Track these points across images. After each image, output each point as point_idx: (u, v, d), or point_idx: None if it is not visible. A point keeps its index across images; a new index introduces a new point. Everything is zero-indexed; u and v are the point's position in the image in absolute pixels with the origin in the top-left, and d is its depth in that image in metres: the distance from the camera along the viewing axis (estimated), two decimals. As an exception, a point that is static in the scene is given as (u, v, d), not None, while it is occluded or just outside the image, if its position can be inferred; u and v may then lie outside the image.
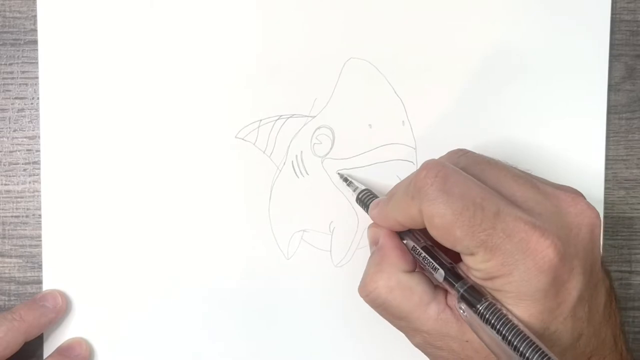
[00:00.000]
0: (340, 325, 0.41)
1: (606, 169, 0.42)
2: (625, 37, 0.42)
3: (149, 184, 0.41)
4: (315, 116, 0.41)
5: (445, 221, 0.31)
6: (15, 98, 0.41)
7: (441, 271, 0.33)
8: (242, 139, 0.41)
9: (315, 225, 0.41)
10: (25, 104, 0.41)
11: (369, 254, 0.41)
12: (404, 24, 0.41)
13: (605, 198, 0.42)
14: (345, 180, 0.40)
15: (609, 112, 0.42)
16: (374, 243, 0.37)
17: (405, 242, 0.36)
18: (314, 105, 0.41)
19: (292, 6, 0.41)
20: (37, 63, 0.41)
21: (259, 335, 0.41)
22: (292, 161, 0.41)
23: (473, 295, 0.31)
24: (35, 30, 0.41)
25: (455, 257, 0.33)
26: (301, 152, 0.41)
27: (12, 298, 0.41)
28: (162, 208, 0.41)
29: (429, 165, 0.33)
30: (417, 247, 0.35)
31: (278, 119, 0.41)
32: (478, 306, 0.31)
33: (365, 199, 0.38)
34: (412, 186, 0.33)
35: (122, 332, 0.41)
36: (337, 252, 0.41)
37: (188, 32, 0.41)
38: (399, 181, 0.41)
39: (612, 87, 0.42)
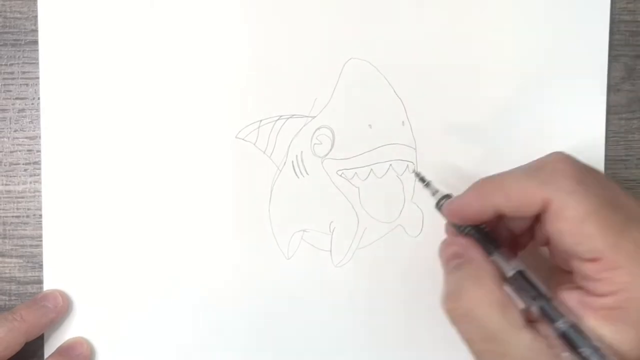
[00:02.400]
0: (340, 325, 0.42)
1: (606, 169, 0.42)
2: (625, 38, 0.42)
3: (149, 185, 0.41)
4: (315, 116, 0.41)
5: (578, 215, 0.29)
6: (16, 98, 0.41)
7: (537, 305, 0.31)
8: (243, 139, 0.41)
9: (315, 225, 0.41)
10: (25, 104, 0.41)
11: (369, 254, 0.41)
12: (404, 25, 0.41)
13: (605, 198, 0.42)
14: (423, 180, 0.38)
15: (608, 112, 0.42)
16: (456, 257, 0.34)
17: (493, 258, 0.33)
18: (314, 105, 0.41)
19: (292, 6, 0.41)
20: (37, 63, 0.41)
21: (258, 335, 0.41)
22: (292, 161, 0.41)
23: (575, 335, 0.29)
24: (35, 31, 0.41)
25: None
26: (301, 152, 0.41)
27: (13, 298, 0.41)
28: (162, 208, 0.41)
29: (563, 156, 0.31)
30: (513, 271, 0.32)
31: (278, 119, 0.41)
32: (581, 349, 0.29)
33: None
34: (543, 172, 0.31)
35: (122, 332, 0.41)
36: (337, 252, 0.41)
37: (188, 32, 0.41)
38: (399, 181, 0.41)
39: (611, 88, 0.42)
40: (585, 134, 0.41)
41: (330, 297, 0.41)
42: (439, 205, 0.36)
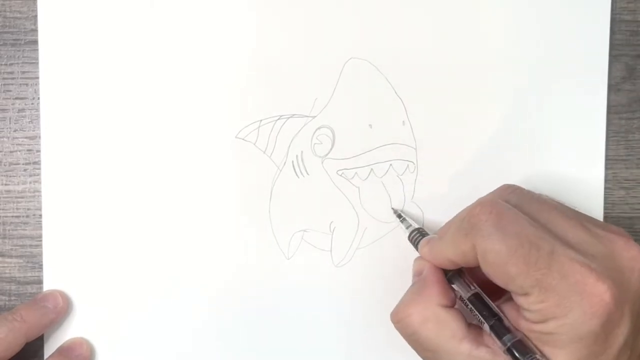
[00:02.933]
0: (340, 325, 0.41)
1: (606, 169, 0.42)
2: (625, 37, 0.42)
3: (149, 184, 0.41)
4: (315, 116, 0.41)
5: (499, 258, 0.31)
6: (16, 98, 0.41)
7: (487, 324, 0.33)
8: (243, 139, 0.41)
9: (315, 225, 0.41)
10: (25, 104, 0.41)
11: (369, 254, 0.41)
12: (404, 24, 0.41)
13: (605, 198, 0.42)
14: (399, 216, 0.41)
15: (609, 112, 0.42)
16: (418, 274, 0.37)
17: (454, 285, 0.36)
18: (314, 105, 0.41)
19: (292, 6, 0.41)
20: (37, 63, 0.41)
21: (259, 335, 0.41)
22: (293, 161, 0.41)
23: (520, 349, 0.31)
24: (35, 31, 0.41)
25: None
26: (301, 152, 0.41)
27: (13, 298, 0.41)
28: (162, 208, 0.41)
29: (482, 202, 0.33)
30: (465, 297, 0.35)
31: (278, 119, 0.41)
32: None
33: (417, 237, 0.38)
34: (465, 222, 0.33)
35: (122, 332, 0.41)
36: (337, 252, 0.41)
37: (188, 32, 0.41)
38: (399, 181, 0.41)
39: (612, 87, 0.42)
40: (585, 133, 0.41)
41: (330, 297, 0.41)
42: (410, 238, 0.39)
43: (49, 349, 0.41)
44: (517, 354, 0.31)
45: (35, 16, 0.41)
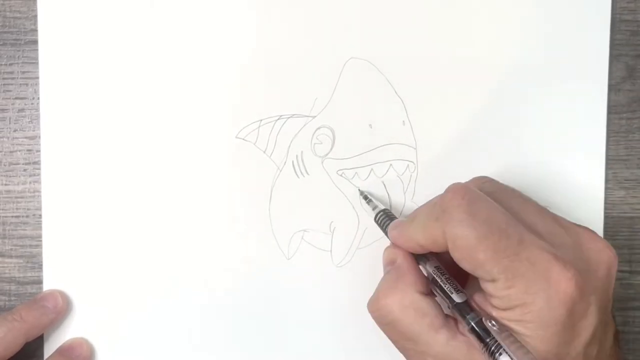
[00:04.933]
0: (340, 326, 0.41)
1: (606, 169, 0.42)
2: (626, 37, 0.42)
3: (149, 185, 0.41)
4: (315, 116, 0.41)
5: (469, 243, 0.31)
6: (16, 98, 0.41)
7: (456, 296, 0.33)
8: (243, 139, 0.41)
9: (315, 225, 0.41)
10: (25, 104, 0.41)
11: (369, 254, 0.41)
12: (404, 24, 0.41)
13: (606, 198, 0.42)
14: (365, 197, 0.40)
15: (609, 112, 0.42)
16: (390, 263, 0.36)
17: (421, 266, 0.35)
18: (314, 105, 0.41)
19: (292, 6, 0.41)
20: (37, 63, 0.41)
21: (259, 336, 0.41)
22: (293, 161, 0.41)
23: (484, 328, 0.31)
24: (35, 30, 0.41)
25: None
26: (301, 152, 0.41)
27: (13, 298, 0.41)
28: (162, 208, 0.41)
29: (455, 188, 0.33)
30: (434, 273, 0.35)
31: (278, 119, 0.41)
32: (488, 340, 0.31)
33: (384, 219, 0.38)
34: (437, 207, 0.33)
35: (122, 332, 0.41)
36: (337, 252, 0.41)
37: (188, 32, 0.41)
38: (399, 181, 0.41)
39: (612, 87, 0.42)
40: (585, 133, 0.41)
41: (330, 297, 0.41)
42: (376, 219, 0.39)
43: (49, 349, 0.41)
44: (480, 332, 0.31)
45: (35, 16, 0.41)
